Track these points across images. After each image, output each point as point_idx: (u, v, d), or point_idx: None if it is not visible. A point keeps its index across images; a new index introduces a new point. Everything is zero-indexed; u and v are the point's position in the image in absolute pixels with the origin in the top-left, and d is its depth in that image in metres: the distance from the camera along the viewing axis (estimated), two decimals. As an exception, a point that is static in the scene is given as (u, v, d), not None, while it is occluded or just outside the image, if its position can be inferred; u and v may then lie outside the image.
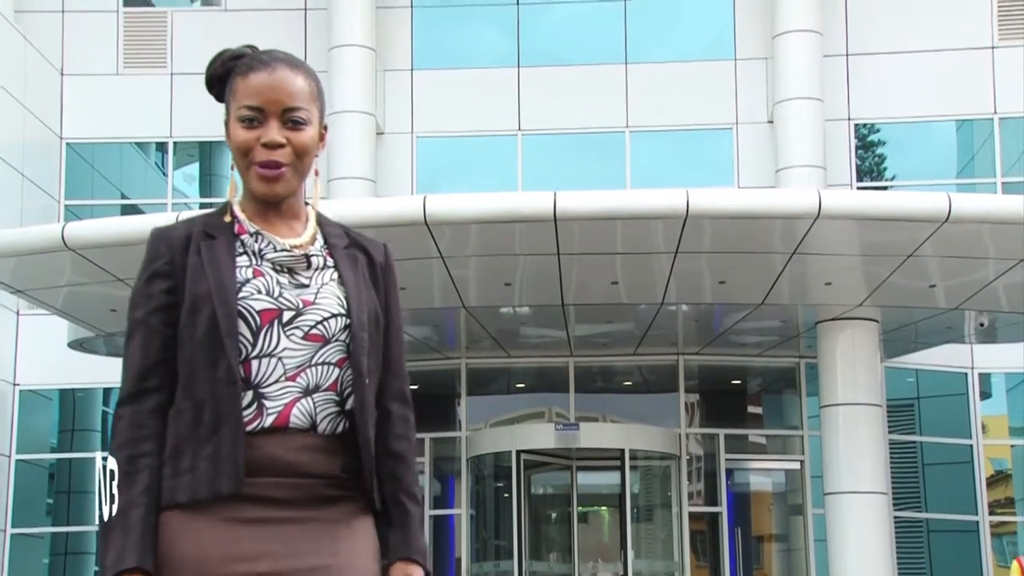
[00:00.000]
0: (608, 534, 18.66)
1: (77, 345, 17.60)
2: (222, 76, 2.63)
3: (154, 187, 20.96)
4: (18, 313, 19.05)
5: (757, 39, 19.60)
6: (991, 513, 19.14)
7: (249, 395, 2.48)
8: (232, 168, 2.61)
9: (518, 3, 20.29)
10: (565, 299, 15.62)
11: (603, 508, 19.09)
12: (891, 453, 17.85)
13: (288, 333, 2.51)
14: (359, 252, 2.68)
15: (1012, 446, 19.88)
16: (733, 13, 19.91)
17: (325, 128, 2.66)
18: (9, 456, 18.90)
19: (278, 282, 2.55)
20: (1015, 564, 14.09)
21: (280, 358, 2.50)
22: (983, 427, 19.37)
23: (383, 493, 2.60)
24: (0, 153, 18.49)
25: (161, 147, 20.76)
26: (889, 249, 13.90)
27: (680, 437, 18.35)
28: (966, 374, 19.29)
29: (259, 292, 2.52)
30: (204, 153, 21.13)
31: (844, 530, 16.24)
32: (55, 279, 14.91)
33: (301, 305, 2.53)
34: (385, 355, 2.66)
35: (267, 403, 2.48)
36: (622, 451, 17.62)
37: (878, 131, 19.93)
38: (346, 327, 2.54)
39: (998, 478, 19.67)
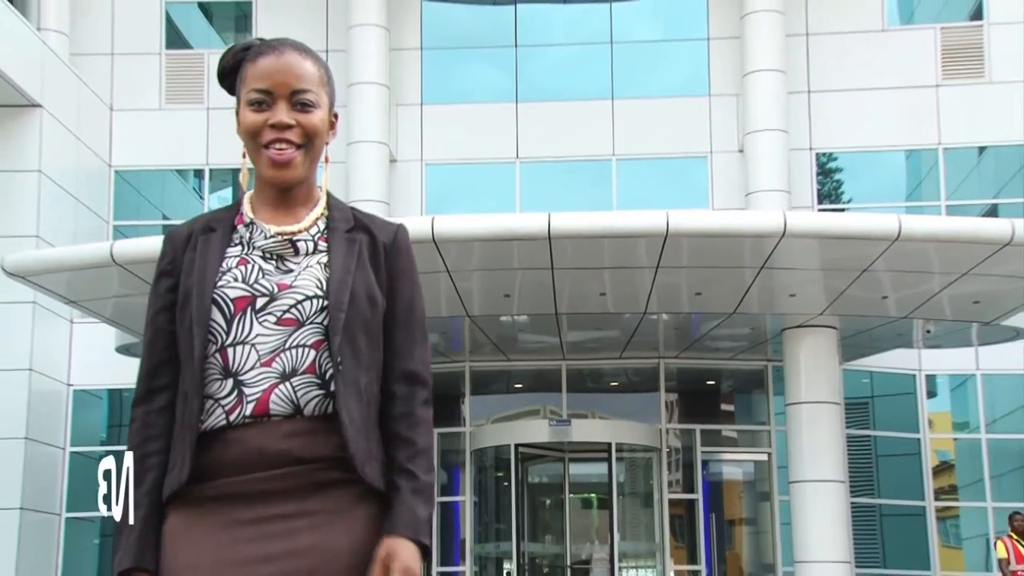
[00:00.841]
0: (597, 519, 18.61)
1: (124, 350, 17.61)
2: (233, 68, 2.42)
3: (192, 209, 20.93)
4: (72, 321, 19.08)
5: (729, 78, 19.67)
6: (936, 499, 19.10)
7: (229, 383, 2.22)
8: (244, 156, 2.36)
9: (516, 45, 20.35)
10: (558, 309, 15.62)
11: (592, 495, 18.98)
12: (848, 446, 17.79)
13: (261, 319, 2.23)
14: (362, 234, 2.38)
15: (955, 439, 19.85)
16: (707, 55, 19.97)
17: (335, 116, 2.40)
18: (64, 449, 18.94)
19: (260, 269, 2.28)
20: (999, 544, 14.04)
21: (253, 344, 2.22)
22: (929, 423, 19.33)
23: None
24: (57, 179, 18.55)
25: (198, 174, 20.77)
26: (846, 264, 13.91)
27: (661, 432, 18.31)
28: (915, 375, 19.29)
29: (236, 280, 2.26)
30: (237, 179, 21.13)
31: (807, 514, 16.23)
32: (104, 291, 14.94)
33: (276, 290, 2.25)
34: (392, 336, 2.34)
35: (246, 390, 2.21)
36: (609, 444, 17.53)
37: (836, 159, 19.95)
38: (322, 309, 2.24)
39: (942, 468, 19.65)
